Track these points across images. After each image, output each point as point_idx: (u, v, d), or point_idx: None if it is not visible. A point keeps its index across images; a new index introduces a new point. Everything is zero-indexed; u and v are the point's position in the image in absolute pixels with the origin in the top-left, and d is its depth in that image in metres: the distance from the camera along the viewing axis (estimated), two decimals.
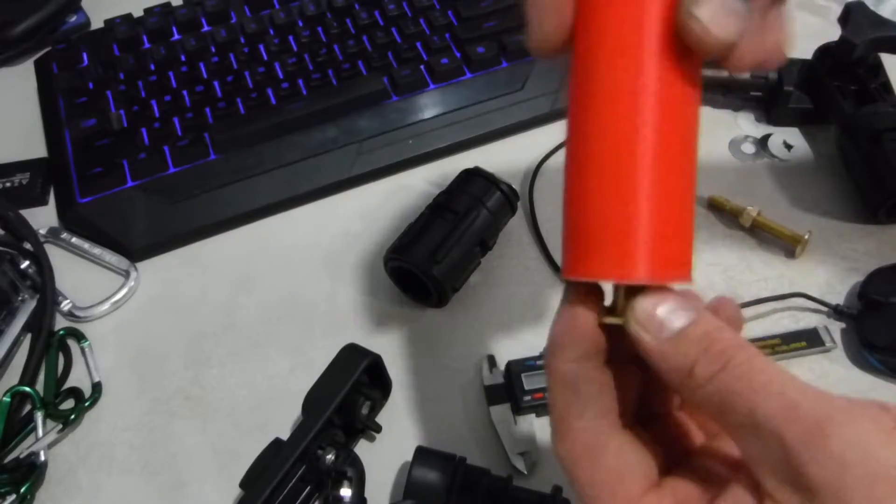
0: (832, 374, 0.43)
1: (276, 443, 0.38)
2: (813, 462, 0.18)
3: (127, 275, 0.50)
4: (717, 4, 0.20)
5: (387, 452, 0.42)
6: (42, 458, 0.42)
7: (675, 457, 0.24)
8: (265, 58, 0.59)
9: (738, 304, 0.25)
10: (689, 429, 0.27)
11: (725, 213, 0.49)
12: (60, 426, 0.43)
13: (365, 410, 0.41)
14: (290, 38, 0.60)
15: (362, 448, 0.42)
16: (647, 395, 0.26)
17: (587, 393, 0.23)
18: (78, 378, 0.46)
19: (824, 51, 0.52)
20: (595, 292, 0.23)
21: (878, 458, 0.18)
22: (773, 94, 0.53)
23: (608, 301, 0.24)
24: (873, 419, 0.19)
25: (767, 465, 0.20)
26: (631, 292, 0.22)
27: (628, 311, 0.22)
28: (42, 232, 0.52)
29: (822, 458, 0.18)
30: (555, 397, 0.23)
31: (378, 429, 0.42)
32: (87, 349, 0.47)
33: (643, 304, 0.22)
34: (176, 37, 0.62)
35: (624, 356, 0.24)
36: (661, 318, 0.22)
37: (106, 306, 0.49)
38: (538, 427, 0.41)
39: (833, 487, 0.18)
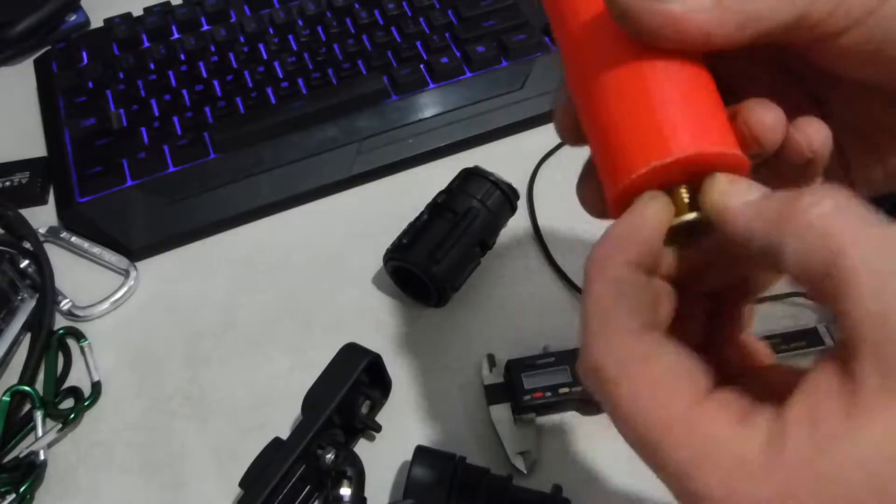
0: None
1: (276, 442, 0.38)
2: None
3: (126, 274, 0.50)
4: None
5: (387, 452, 0.42)
6: (42, 457, 0.42)
7: (735, 378, 0.21)
8: (265, 57, 0.59)
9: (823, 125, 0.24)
10: (755, 352, 0.25)
11: None
12: (60, 425, 0.43)
13: (365, 410, 0.41)
14: (290, 37, 0.60)
15: (362, 448, 0.42)
16: (711, 322, 0.25)
17: (640, 298, 0.21)
18: (77, 377, 0.46)
19: None
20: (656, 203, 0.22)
21: None
22: None
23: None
24: None
25: (880, 332, 0.17)
26: (692, 187, 0.22)
27: (706, 190, 0.21)
28: (42, 231, 0.52)
29: None
30: (597, 297, 0.21)
31: (378, 428, 0.42)
32: (86, 348, 0.47)
33: (721, 177, 0.21)
34: (175, 36, 0.62)
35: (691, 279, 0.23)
36: (745, 186, 0.20)
37: (105, 306, 0.49)
38: (538, 427, 0.41)
39: None
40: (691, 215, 0.21)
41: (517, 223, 0.49)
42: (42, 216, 0.54)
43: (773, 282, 0.25)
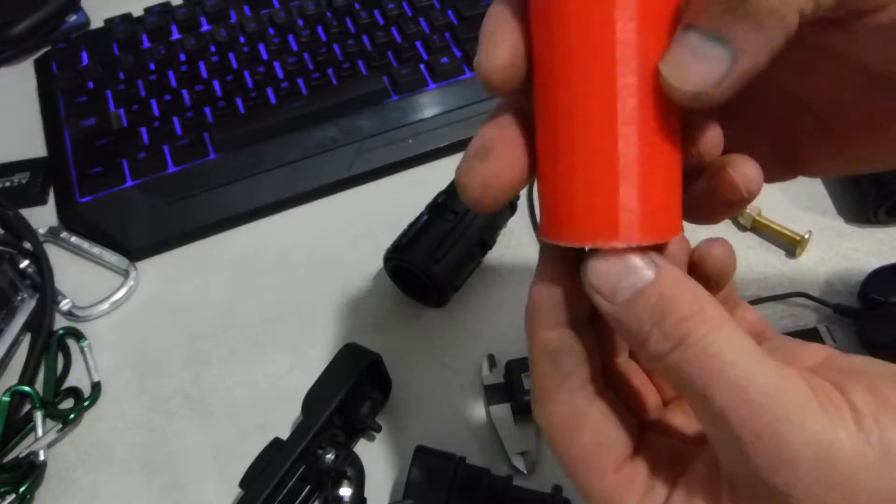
0: None
1: (276, 443, 0.38)
2: (767, 467, 0.18)
3: (126, 274, 0.50)
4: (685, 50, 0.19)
5: (387, 452, 0.42)
6: (41, 457, 0.42)
7: (648, 412, 0.25)
8: (265, 57, 0.59)
9: (728, 245, 0.24)
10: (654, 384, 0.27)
11: None
12: (60, 426, 0.43)
13: (365, 410, 0.41)
14: (290, 37, 0.60)
15: (362, 448, 0.42)
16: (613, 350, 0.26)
17: (567, 364, 0.22)
18: (77, 378, 0.46)
19: None
20: (575, 256, 0.22)
21: (834, 462, 0.17)
22: None
23: None
24: (833, 415, 0.18)
25: (723, 453, 0.19)
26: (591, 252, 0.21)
27: (582, 277, 0.21)
28: (42, 231, 0.52)
29: (775, 463, 0.18)
30: (535, 365, 0.22)
31: (378, 429, 0.42)
32: (86, 349, 0.47)
33: (595, 265, 0.20)
34: (176, 36, 0.62)
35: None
36: (616, 279, 0.20)
37: (105, 306, 0.49)
38: (538, 427, 0.41)
39: (787, 491, 0.18)
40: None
41: (517, 223, 0.49)
42: (42, 216, 0.54)
43: None
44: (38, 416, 0.43)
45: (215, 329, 0.47)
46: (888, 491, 0.17)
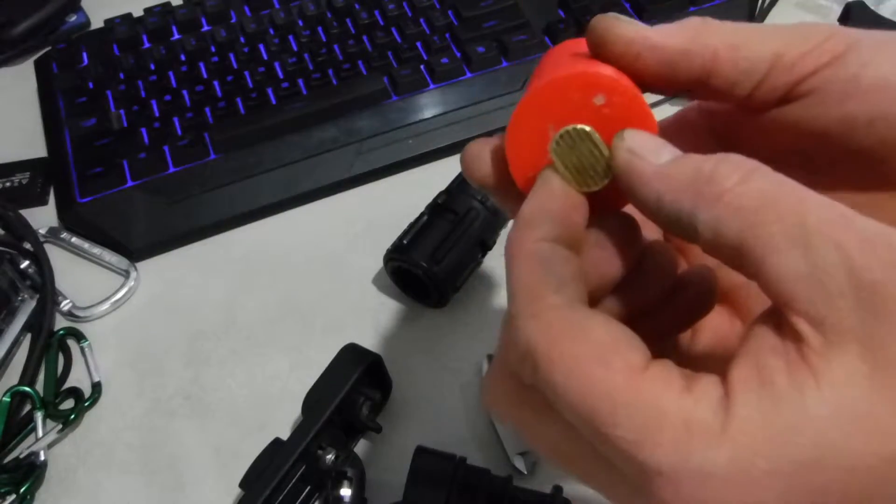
0: None
1: (276, 443, 0.38)
2: (881, 268, 0.16)
3: (127, 275, 0.50)
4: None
5: (387, 452, 0.42)
6: (42, 458, 0.42)
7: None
8: (265, 57, 0.59)
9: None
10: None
11: None
12: (60, 426, 0.43)
13: (365, 410, 0.41)
14: (290, 37, 0.60)
15: (362, 448, 0.42)
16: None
17: (563, 272, 0.20)
18: (78, 378, 0.46)
19: None
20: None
21: None
22: None
23: None
24: None
25: (818, 283, 0.16)
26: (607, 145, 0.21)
27: (614, 148, 0.20)
28: (42, 232, 0.52)
29: (892, 266, 0.16)
30: (520, 275, 0.20)
31: (378, 429, 0.42)
32: (86, 349, 0.47)
33: (630, 134, 0.20)
34: (176, 36, 0.62)
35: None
36: (658, 143, 0.20)
37: (106, 306, 0.49)
38: None
39: None
40: (602, 183, 0.21)
41: None
42: (42, 217, 0.54)
43: None
44: (39, 416, 0.43)
45: (215, 329, 0.48)
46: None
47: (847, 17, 0.49)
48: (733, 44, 0.21)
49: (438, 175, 0.49)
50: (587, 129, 0.21)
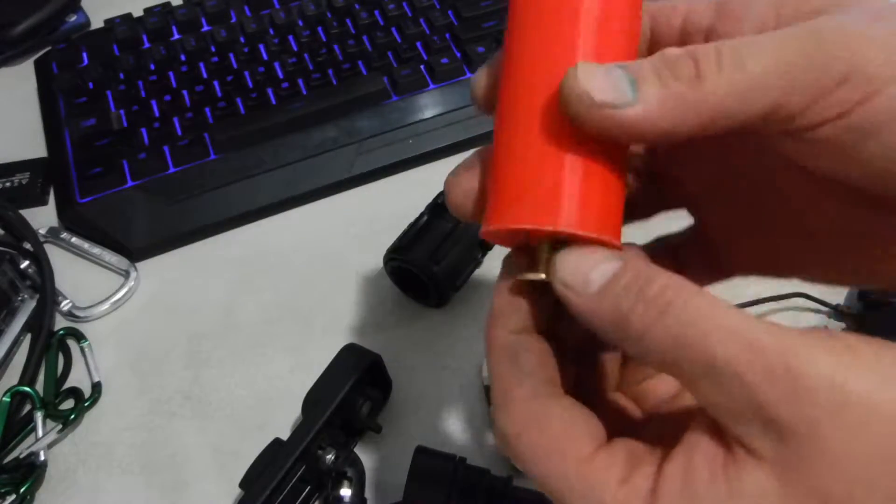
0: None
1: (276, 443, 0.38)
2: (782, 402, 0.17)
3: (127, 275, 0.50)
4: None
5: (387, 452, 0.42)
6: (42, 458, 0.42)
7: (617, 431, 0.22)
8: (265, 58, 0.59)
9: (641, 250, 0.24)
10: (627, 407, 0.26)
11: None
12: (60, 426, 0.43)
13: (365, 410, 0.41)
14: (290, 37, 0.60)
15: (362, 448, 0.42)
16: (584, 376, 0.26)
17: (527, 362, 0.22)
18: (78, 378, 0.46)
19: None
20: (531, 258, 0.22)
21: (846, 387, 0.17)
22: None
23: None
24: (831, 349, 0.17)
25: (732, 411, 0.18)
26: (555, 249, 0.21)
27: (551, 266, 0.21)
28: (42, 232, 0.52)
29: (790, 397, 0.17)
30: (494, 369, 0.22)
31: (378, 429, 0.42)
32: (86, 349, 0.47)
33: (566, 258, 0.21)
34: (176, 37, 0.62)
35: (564, 332, 0.24)
36: (587, 269, 0.20)
37: (106, 306, 0.49)
38: None
39: (805, 424, 0.17)
40: (539, 276, 0.21)
41: None
42: (42, 217, 0.54)
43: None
44: (39, 416, 0.43)
45: (215, 329, 0.48)
46: None
47: None
48: (725, 111, 0.18)
49: (438, 175, 0.49)
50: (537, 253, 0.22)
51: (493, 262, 0.48)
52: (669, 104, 0.19)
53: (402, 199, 0.51)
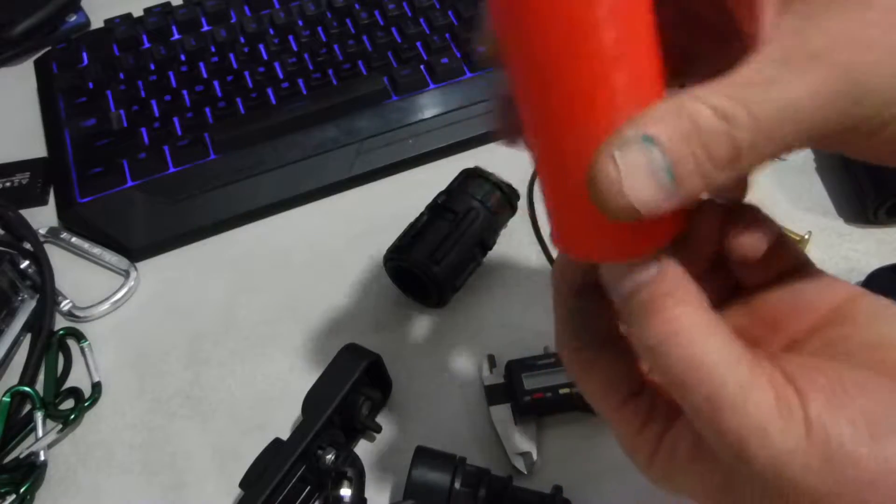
0: None
1: (276, 443, 0.38)
2: (729, 463, 0.19)
3: (127, 275, 0.50)
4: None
5: (387, 452, 0.42)
6: (42, 458, 0.42)
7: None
8: (265, 58, 0.59)
9: (760, 212, 0.23)
10: None
11: None
12: (60, 426, 0.43)
13: (365, 410, 0.41)
14: (290, 37, 0.60)
15: (362, 448, 0.42)
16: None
17: (579, 321, 0.25)
18: (78, 378, 0.46)
19: None
20: None
21: (783, 473, 0.18)
22: None
23: None
24: (788, 422, 0.18)
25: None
26: None
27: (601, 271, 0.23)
28: (42, 232, 0.52)
29: (735, 465, 0.19)
30: (556, 317, 0.26)
31: (378, 429, 0.42)
32: (86, 349, 0.47)
33: (603, 267, 0.23)
34: (176, 37, 0.62)
35: None
36: (617, 280, 0.22)
37: (106, 306, 0.49)
38: (538, 427, 0.41)
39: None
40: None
41: (517, 224, 0.49)
42: (42, 217, 0.54)
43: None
44: (39, 416, 0.43)
45: (215, 329, 0.48)
46: (826, 495, 0.18)
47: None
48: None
49: (438, 175, 0.49)
50: None
51: (493, 262, 0.48)
52: (707, 188, 0.19)
53: (402, 199, 0.51)
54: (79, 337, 0.47)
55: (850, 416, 0.18)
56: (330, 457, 0.38)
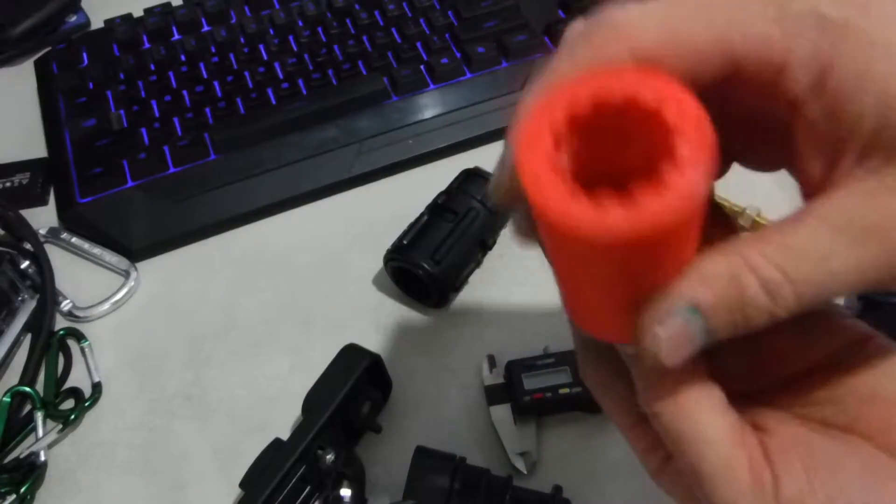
0: None
1: (276, 443, 0.38)
2: None
3: (127, 275, 0.50)
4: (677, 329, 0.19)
5: (387, 453, 0.42)
6: (42, 458, 0.42)
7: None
8: (265, 58, 0.59)
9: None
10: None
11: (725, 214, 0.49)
12: (60, 426, 0.43)
13: (365, 410, 0.41)
14: (290, 38, 0.60)
15: (362, 448, 0.42)
16: None
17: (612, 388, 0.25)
18: (78, 378, 0.46)
19: None
20: None
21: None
22: None
23: None
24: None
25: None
26: None
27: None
28: (42, 232, 0.52)
29: None
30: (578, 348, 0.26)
31: (378, 429, 0.42)
32: (87, 349, 0.47)
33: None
34: (176, 37, 0.62)
35: None
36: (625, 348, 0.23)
37: (106, 306, 0.49)
38: (538, 427, 0.41)
39: None
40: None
41: None
42: (42, 217, 0.54)
43: None
44: (39, 416, 0.43)
45: (215, 329, 0.48)
46: None
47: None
48: None
49: (438, 175, 0.49)
50: None
51: (493, 263, 0.48)
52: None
53: (402, 199, 0.51)
54: (79, 337, 0.47)
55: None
56: (330, 457, 0.38)
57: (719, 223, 0.24)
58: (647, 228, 0.16)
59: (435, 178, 0.49)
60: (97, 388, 0.45)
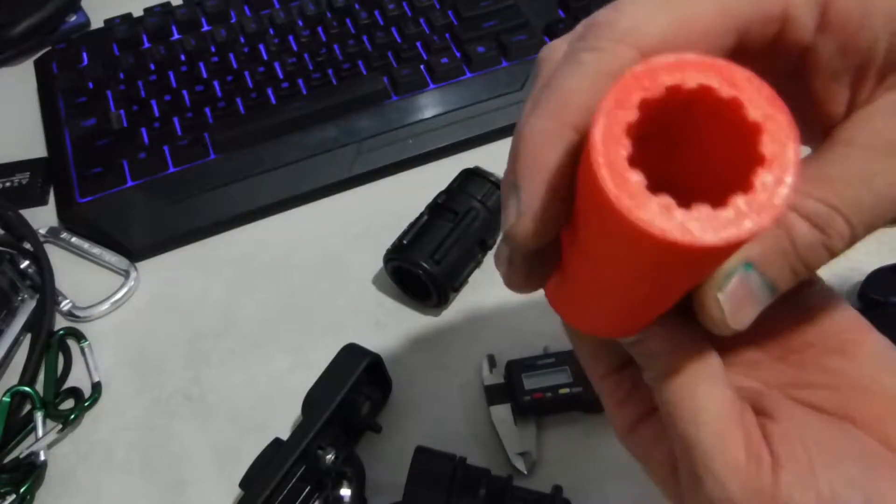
0: None
1: (276, 443, 0.38)
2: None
3: (127, 275, 0.50)
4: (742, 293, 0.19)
5: (387, 452, 0.42)
6: (42, 458, 0.42)
7: None
8: (265, 57, 0.59)
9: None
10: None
11: None
12: (60, 426, 0.43)
13: (365, 410, 0.41)
14: (290, 37, 0.60)
15: (362, 448, 0.42)
16: None
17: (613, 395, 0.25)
18: (78, 378, 0.46)
19: None
20: None
21: None
22: None
23: None
24: (754, 466, 0.19)
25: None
26: None
27: None
28: (42, 232, 0.52)
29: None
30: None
31: (378, 429, 0.42)
32: (86, 349, 0.47)
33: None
34: (176, 36, 0.62)
35: None
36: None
37: (106, 306, 0.49)
38: (538, 427, 0.41)
39: None
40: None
41: None
42: (42, 217, 0.54)
43: None
44: (39, 416, 0.43)
45: (215, 329, 0.48)
46: None
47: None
48: None
49: (438, 175, 0.49)
50: None
51: (493, 262, 0.48)
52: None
53: (402, 199, 0.51)
54: (79, 337, 0.47)
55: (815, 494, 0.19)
56: (330, 457, 0.38)
57: None
58: (735, 238, 0.14)
59: (435, 178, 0.49)
60: (97, 387, 0.45)
